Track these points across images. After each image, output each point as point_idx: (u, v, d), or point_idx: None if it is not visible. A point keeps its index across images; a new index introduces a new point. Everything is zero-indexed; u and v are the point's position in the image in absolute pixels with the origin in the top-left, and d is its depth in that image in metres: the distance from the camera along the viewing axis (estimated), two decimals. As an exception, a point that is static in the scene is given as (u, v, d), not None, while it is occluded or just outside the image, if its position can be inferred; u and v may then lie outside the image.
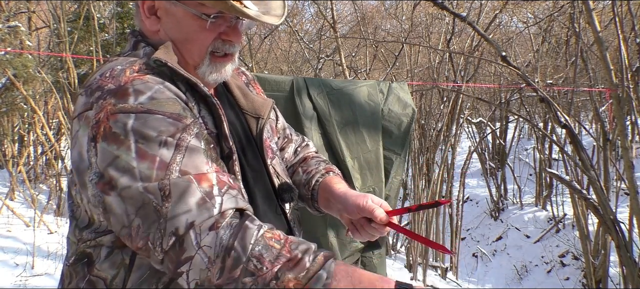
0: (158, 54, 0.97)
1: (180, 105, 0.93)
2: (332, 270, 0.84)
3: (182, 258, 0.84)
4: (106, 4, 7.34)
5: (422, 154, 6.45)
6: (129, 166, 0.86)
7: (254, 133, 1.15)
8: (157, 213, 0.85)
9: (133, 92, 0.89)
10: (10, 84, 5.41)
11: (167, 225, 0.84)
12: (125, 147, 0.86)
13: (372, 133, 2.62)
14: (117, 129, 0.86)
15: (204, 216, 0.85)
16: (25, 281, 3.97)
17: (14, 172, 5.89)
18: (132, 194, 0.85)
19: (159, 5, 1.04)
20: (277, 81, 2.61)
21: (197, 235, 0.84)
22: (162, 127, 0.88)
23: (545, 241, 6.79)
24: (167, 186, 0.85)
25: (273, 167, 1.15)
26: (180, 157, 0.87)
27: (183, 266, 0.84)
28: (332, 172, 1.27)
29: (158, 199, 0.85)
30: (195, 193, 0.85)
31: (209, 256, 0.83)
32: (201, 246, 0.83)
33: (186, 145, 0.89)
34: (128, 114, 0.87)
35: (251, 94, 1.21)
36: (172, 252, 0.84)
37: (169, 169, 0.86)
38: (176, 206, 0.84)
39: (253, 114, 1.17)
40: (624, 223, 3.39)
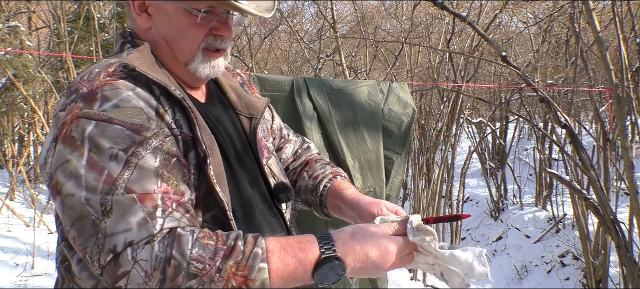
0: (129, 59, 0.96)
1: (144, 115, 0.91)
2: (263, 245, 0.86)
3: (118, 273, 0.84)
4: (106, 4, 7.34)
5: (422, 154, 6.45)
6: (77, 172, 0.86)
7: (247, 132, 1.14)
8: (95, 227, 0.85)
9: (100, 98, 0.90)
10: (10, 84, 5.41)
11: (105, 241, 0.84)
12: (78, 153, 0.87)
13: (373, 133, 2.62)
14: (75, 133, 0.87)
15: (143, 235, 0.85)
16: (25, 281, 3.97)
17: (14, 172, 5.88)
18: (73, 203, 0.86)
19: (149, 3, 1.03)
20: (277, 81, 2.61)
21: (133, 250, 0.84)
22: (118, 139, 0.88)
23: (545, 241, 6.79)
24: (108, 202, 0.85)
25: (268, 167, 1.14)
26: (129, 174, 0.87)
27: (121, 280, 0.84)
28: (340, 176, 1.26)
29: (98, 213, 0.85)
30: (138, 213, 0.86)
31: (146, 270, 0.83)
32: (137, 260, 0.83)
33: (136, 162, 0.88)
34: (89, 119, 0.88)
35: (245, 94, 1.20)
36: (109, 267, 0.85)
37: (115, 184, 0.86)
38: (116, 223, 0.85)
39: (246, 114, 1.16)
40: (624, 223, 3.39)
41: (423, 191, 6.21)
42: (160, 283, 0.82)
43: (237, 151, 1.09)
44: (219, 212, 0.97)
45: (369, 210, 1.11)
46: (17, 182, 5.96)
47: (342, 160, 2.53)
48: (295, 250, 0.88)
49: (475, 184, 9.34)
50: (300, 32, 9.53)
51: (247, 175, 1.09)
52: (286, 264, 0.87)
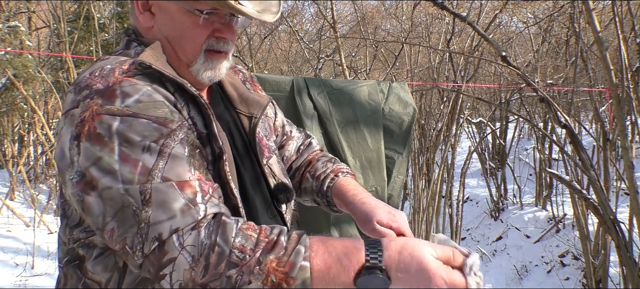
0: (144, 56, 0.96)
1: (167, 108, 0.92)
2: (307, 243, 0.85)
3: (164, 261, 0.83)
4: (106, 4, 7.34)
5: (422, 154, 6.45)
6: (112, 168, 0.85)
7: (246, 131, 1.14)
8: (136, 217, 0.84)
9: (120, 94, 0.89)
10: (10, 84, 5.41)
11: (149, 230, 0.84)
12: (109, 149, 0.86)
13: (374, 132, 2.61)
14: (101, 130, 0.86)
15: (188, 221, 0.85)
16: (25, 281, 3.97)
17: (14, 172, 5.88)
18: (113, 195, 0.85)
19: (152, 2, 1.03)
20: (277, 81, 2.61)
21: (179, 237, 0.84)
22: (146, 132, 0.87)
23: (545, 241, 6.79)
24: (148, 190, 0.85)
25: (269, 167, 1.14)
26: (163, 163, 0.87)
27: (165, 268, 0.83)
28: (341, 173, 1.25)
29: (138, 202, 0.85)
30: (179, 199, 0.86)
31: (193, 255, 0.83)
32: (184, 246, 0.83)
33: (169, 152, 0.88)
34: (113, 116, 0.87)
35: (247, 91, 1.18)
36: (152, 256, 0.84)
37: (151, 174, 0.85)
38: (159, 212, 0.84)
39: (245, 113, 1.15)
40: (624, 223, 3.39)
41: (423, 191, 6.21)
42: (205, 269, 0.82)
43: (239, 151, 1.09)
44: (230, 209, 0.96)
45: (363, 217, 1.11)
46: (17, 182, 5.96)
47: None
48: (340, 254, 0.85)
49: (475, 184, 9.34)
50: (300, 32, 9.53)
51: (248, 176, 1.09)
52: (329, 267, 0.84)
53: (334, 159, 1.32)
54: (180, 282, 0.83)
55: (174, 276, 0.83)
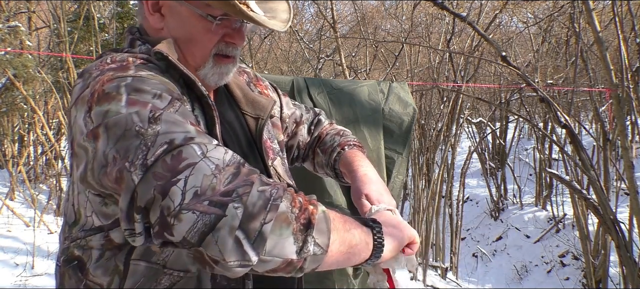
0: (160, 47, 0.95)
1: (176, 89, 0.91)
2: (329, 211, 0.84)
3: (180, 166, 0.73)
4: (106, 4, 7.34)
5: (422, 154, 6.45)
6: (118, 112, 0.79)
7: (253, 133, 1.14)
8: (139, 136, 0.76)
9: (134, 67, 0.88)
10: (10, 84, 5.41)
11: (156, 139, 0.75)
12: (116, 101, 0.81)
13: (374, 132, 2.61)
14: (109, 89, 0.82)
15: (205, 139, 0.78)
16: (25, 281, 3.97)
17: (14, 172, 5.88)
18: (118, 119, 0.78)
19: (163, 3, 1.02)
20: (277, 81, 2.61)
21: (201, 146, 0.76)
22: (158, 87, 0.84)
23: (545, 241, 6.79)
24: (158, 113, 0.78)
25: (274, 169, 1.14)
26: (174, 110, 0.82)
27: (182, 173, 0.72)
28: (347, 146, 1.27)
29: (144, 122, 0.77)
30: (190, 127, 0.79)
31: (217, 163, 0.74)
32: (207, 155, 0.75)
33: (180, 105, 0.84)
34: (124, 77, 0.84)
35: (252, 93, 1.18)
36: (160, 165, 0.73)
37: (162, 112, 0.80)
38: (170, 126, 0.77)
39: (252, 115, 1.15)
40: (624, 223, 3.39)
41: (423, 191, 6.22)
42: (233, 175, 0.74)
43: (243, 150, 1.09)
44: None
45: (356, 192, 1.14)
46: (17, 182, 5.96)
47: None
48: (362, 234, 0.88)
49: (475, 184, 9.35)
50: (300, 32, 9.53)
51: None
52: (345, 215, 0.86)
53: (342, 131, 1.34)
54: (197, 189, 0.72)
55: (190, 181, 0.72)
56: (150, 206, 0.74)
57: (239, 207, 0.71)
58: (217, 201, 0.71)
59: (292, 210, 0.75)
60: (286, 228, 0.74)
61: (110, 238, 0.90)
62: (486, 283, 6.70)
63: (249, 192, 0.73)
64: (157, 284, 0.90)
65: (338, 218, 0.83)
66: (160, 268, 0.90)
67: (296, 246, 0.75)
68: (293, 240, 0.74)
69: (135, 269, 0.90)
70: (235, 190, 0.72)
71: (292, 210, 0.75)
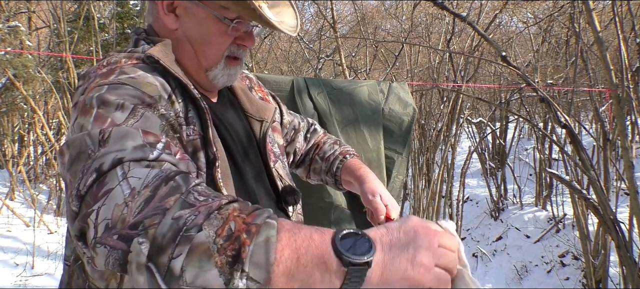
0: (152, 51, 0.96)
1: (158, 92, 0.90)
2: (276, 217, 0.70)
3: (99, 195, 0.70)
4: (106, 4, 7.34)
5: (422, 154, 6.45)
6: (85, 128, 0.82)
7: (257, 136, 1.15)
8: (88, 158, 0.75)
9: (118, 72, 0.90)
10: (10, 84, 5.41)
11: (92, 164, 0.74)
12: (89, 116, 0.83)
13: (373, 132, 2.61)
14: (88, 101, 0.85)
15: (137, 155, 0.74)
16: (25, 281, 3.97)
17: (14, 172, 5.88)
18: (74, 140, 0.79)
19: (178, 4, 1.03)
20: (277, 81, 2.61)
21: (124, 167, 0.72)
22: (126, 96, 0.85)
23: (545, 241, 6.79)
24: (108, 132, 0.77)
25: (276, 171, 1.15)
26: (134, 120, 0.82)
27: (97, 203, 0.69)
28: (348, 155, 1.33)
29: (95, 144, 0.77)
30: (136, 139, 0.77)
31: (134, 186, 0.69)
32: (127, 177, 0.70)
33: (143, 113, 0.84)
34: (102, 86, 0.86)
35: (254, 97, 1.21)
36: (89, 195, 0.71)
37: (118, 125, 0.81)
38: (110, 147, 0.75)
39: (257, 118, 1.17)
40: (624, 223, 3.39)
41: (423, 191, 6.22)
42: (146, 201, 0.67)
43: (245, 150, 1.10)
44: None
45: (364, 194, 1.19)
46: (17, 182, 5.96)
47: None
48: (311, 228, 0.70)
49: (475, 184, 9.35)
50: (300, 32, 9.53)
51: (254, 174, 1.10)
52: (299, 228, 0.68)
53: (338, 141, 1.42)
54: (108, 222, 0.67)
55: (102, 213, 0.68)
56: (82, 237, 0.73)
57: (143, 243, 0.65)
58: (125, 234, 0.66)
59: (215, 240, 0.64)
60: (206, 260, 0.63)
61: None
62: (486, 283, 6.70)
63: (157, 222, 0.65)
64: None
65: (292, 247, 0.65)
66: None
67: (223, 278, 0.63)
68: (218, 273, 0.63)
69: None
70: (143, 222, 0.66)
71: (215, 240, 0.64)
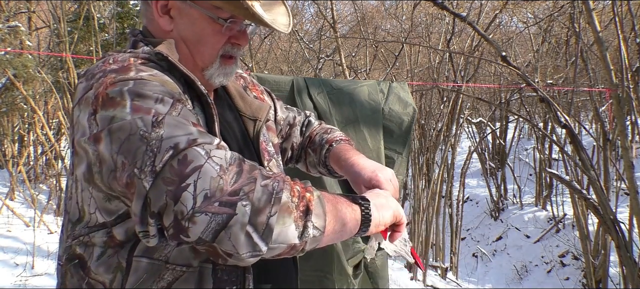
0: (160, 48, 0.98)
1: (178, 90, 0.93)
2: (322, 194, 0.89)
3: (186, 171, 0.76)
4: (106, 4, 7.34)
5: (422, 154, 6.45)
6: (124, 119, 0.83)
7: (251, 135, 1.16)
8: (144, 140, 0.80)
9: (135, 69, 0.90)
10: (10, 84, 5.41)
11: (162, 144, 0.79)
12: (121, 107, 0.84)
13: (373, 132, 2.61)
14: (113, 94, 0.85)
15: (207, 139, 0.82)
16: (25, 281, 3.97)
17: (14, 172, 5.88)
18: (121, 125, 0.82)
19: (172, 5, 1.04)
20: (277, 81, 2.61)
21: (205, 147, 0.79)
22: (159, 92, 0.87)
23: (545, 241, 6.79)
24: (161, 117, 0.82)
25: (270, 169, 1.16)
26: (176, 112, 0.85)
27: (189, 178, 0.76)
28: (335, 142, 1.31)
29: (148, 127, 0.80)
30: (192, 128, 0.83)
31: (221, 164, 0.78)
32: (211, 156, 0.79)
33: (182, 107, 0.87)
34: (126, 81, 0.87)
35: (249, 97, 1.22)
36: (168, 170, 0.77)
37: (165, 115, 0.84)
38: (173, 130, 0.80)
39: (250, 117, 1.18)
40: (624, 223, 3.39)
41: (423, 191, 6.21)
42: (237, 174, 0.79)
43: (240, 149, 1.11)
44: None
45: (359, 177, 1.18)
46: (17, 182, 5.96)
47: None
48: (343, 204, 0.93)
49: (475, 184, 9.35)
50: (300, 32, 9.53)
51: None
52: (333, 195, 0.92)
53: (329, 129, 1.39)
54: (207, 191, 0.76)
55: (199, 185, 0.76)
56: (163, 211, 0.78)
57: (247, 205, 0.76)
58: (227, 200, 0.76)
59: (292, 199, 0.81)
60: (288, 216, 0.80)
61: (112, 235, 0.92)
62: (486, 283, 6.70)
63: (253, 189, 0.78)
64: (159, 280, 0.92)
65: (331, 199, 0.89)
66: (162, 264, 0.91)
67: (298, 231, 0.81)
68: (294, 227, 0.80)
69: (138, 266, 0.91)
70: (242, 188, 0.77)
71: (292, 199, 0.81)
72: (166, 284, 0.92)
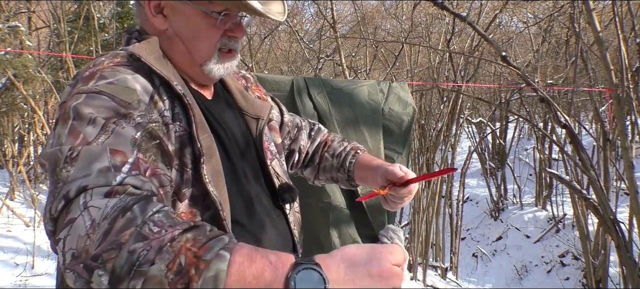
0: (136, 48, 0.97)
1: (137, 97, 0.90)
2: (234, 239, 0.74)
3: (64, 222, 0.74)
4: (106, 4, 7.34)
5: (422, 154, 6.45)
6: (60, 141, 0.84)
7: (253, 134, 1.16)
8: (54, 177, 0.80)
9: (98, 77, 0.90)
10: (10, 84, 5.40)
11: (62, 189, 0.78)
12: (65, 126, 0.85)
13: (373, 132, 2.61)
14: (67, 110, 0.87)
15: (100, 181, 0.77)
16: (25, 281, 3.97)
17: (14, 172, 5.88)
18: (49, 154, 0.83)
19: (165, 4, 1.04)
20: (277, 81, 2.61)
21: (86, 196, 0.75)
22: (100, 108, 0.86)
23: (545, 241, 6.80)
24: (77, 151, 0.81)
25: (273, 169, 1.15)
26: (105, 138, 0.83)
27: (62, 231, 0.74)
28: (360, 150, 1.34)
29: (60, 162, 0.80)
30: (103, 161, 0.80)
31: (94, 218, 0.73)
32: (87, 207, 0.74)
33: (114, 128, 0.85)
34: (80, 94, 0.87)
35: (250, 96, 1.21)
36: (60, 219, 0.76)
37: (89, 144, 0.82)
38: (78, 171, 0.79)
39: (253, 116, 1.17)
40: (624, 223, 3.39)
41: (423, 191, 6.21)
42: (103, 235, 0.71)
43: (240, 149, 1.10)
44: (215, 213, 0.96)
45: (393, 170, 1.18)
46: (17, 182, 5.96)
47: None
48: (267, 252, 0.74)
49: (475, 184, 9.34)
50: (300, 32, 9.53)
51: (251, 172, 1.10)
52: (253, 261, 0.71)
53: (346, 139, 1.42)
54: (73, 251, 0.72)
55: (68, 243, 0.73)
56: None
57: (103, 275, 0.70)
58: (88, 265, 0.71)
59: (166, 274, 0.68)
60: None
61: None
62: (486, 283, 6.70)
63: (114, 257, 0.70)
64: None
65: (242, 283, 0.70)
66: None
67: None
68: None
69: None
70: (101, 255, 0.70)
71: (166, 274, 0.68)
72: None
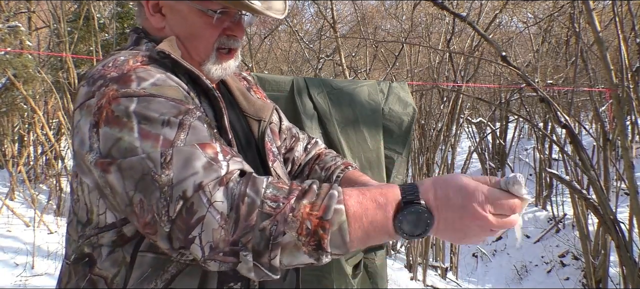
0: (162, 46, 0.98)
1: (182, 92, 0.93)
2: (340, 188, 0.84)
3: (192, 222, 0.80)
4: (106, 4, 7.34)
5: (422, 154, 6.45)
6: (132, 145, 0.84)
7: (255, 136, 1.15)
8: (155, 183, 0.82)
9: (136, 79, 0.89)
10: (10, 84, 5.40)
11: (173, 191, 0.81)
12: (128, 129, 0.85)
13: (373, 132, 2.61)
14: (119, 112, 0.86)
15: (212, 176, 0.82)
16: (25, 281, 3.97)
17: (14, 172, 5.88)
18: (133, 163, 0.83)
19: (163, 3, 1.04)
20: (277, 81, 2.61)
21: (206, 193, 0.80)
22: (164, 110, 0.87)
23: (545, 241, 6.79)
24: (169, 153, 0.83)
25: (274, 170, 1.15)
26: (184, 135, 0.86)
27: (194, 230, 0.80)
28: (351, 166, 1.31)
29: (157, 166, 0.82)
30: (201, 158, 0.84)
31: (221, 211, 0.80)
32: (212, 203, 0.80)
33: (190, 124, 0.87)
34: (130, 97, 0.87)
35: (252, 97, 1.21)
36: (179, 219, 0.81)
37: (173, 144, 0.84)
38: (180, 171, 0.82)
39: (255, 117, 1.17)
40: (624, 223, 3.39)
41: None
42: (235, 222, 0.80)
43: (243, 150, 1.10)
44: None
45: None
46: (17, 182, 5.96)
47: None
48: (374, 194, 0.84)
49: (475, 184, 9.33)
50: (300, 32, 9.53)
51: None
52: (365, 207, 0.82)
53: (339, 155, 1.40)
54: (211, 243, 0.80)
55: (204, 238, 0.80)
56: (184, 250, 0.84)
57: (247, 254, 0.80)
58: (230, 251, 0.80)
59: (299, 238, 0.80)
60: (296, 251, 0.81)
61: (122, 233, 0.92)
62: (486, 283, 6.69)
63: (250, 239, 0.79)
64: (164, 273, 0.92)
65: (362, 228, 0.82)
66: (167, 258, 0.92)
67: (313, 258, 0.82)
68: (308, 256, 0.81)
69: (142, 261, 0.92)
70: (239, 240, 0.80)
71: (299, 238, 0.80)
72: (170, 277, 0.92)
